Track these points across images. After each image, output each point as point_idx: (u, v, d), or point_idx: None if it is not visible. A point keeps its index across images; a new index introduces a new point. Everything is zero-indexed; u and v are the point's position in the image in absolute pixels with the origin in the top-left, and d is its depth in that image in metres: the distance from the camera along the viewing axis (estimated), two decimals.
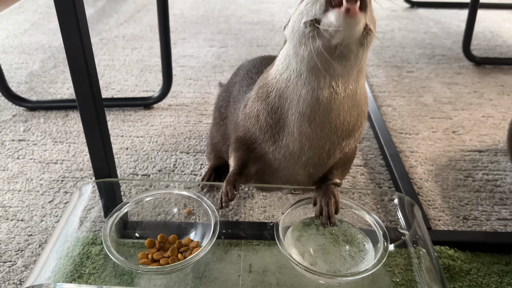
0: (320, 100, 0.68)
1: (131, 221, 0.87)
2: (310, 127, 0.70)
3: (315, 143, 0.72)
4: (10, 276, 0.87)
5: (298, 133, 0.72)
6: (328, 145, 0.73)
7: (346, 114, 0.70)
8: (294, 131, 0.72)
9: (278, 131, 0.74)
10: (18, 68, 1.70)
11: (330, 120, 0.70)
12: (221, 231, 0.80)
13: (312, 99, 0.68)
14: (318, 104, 0.69)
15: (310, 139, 0.72)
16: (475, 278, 0.86)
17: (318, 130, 0.71)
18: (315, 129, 0.70)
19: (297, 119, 0.71)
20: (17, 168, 1.16)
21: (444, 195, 1.09)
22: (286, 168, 0.79)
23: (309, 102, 0.69)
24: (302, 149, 0.73)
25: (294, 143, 0.73)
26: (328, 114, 0.69)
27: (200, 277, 0.81)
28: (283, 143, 0.74)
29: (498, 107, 1.48)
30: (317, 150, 0.74)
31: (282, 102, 0.72)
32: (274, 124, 0.74)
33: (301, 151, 0.74)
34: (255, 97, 0.77)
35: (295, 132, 0.72)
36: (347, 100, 0.69)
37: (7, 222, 0.99)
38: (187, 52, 1.86)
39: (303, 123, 0.71)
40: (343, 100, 0.69)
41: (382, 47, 1.94)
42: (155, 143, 1.27)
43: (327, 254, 0.78)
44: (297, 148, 0.74)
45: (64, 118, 1.38)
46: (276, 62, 0.75)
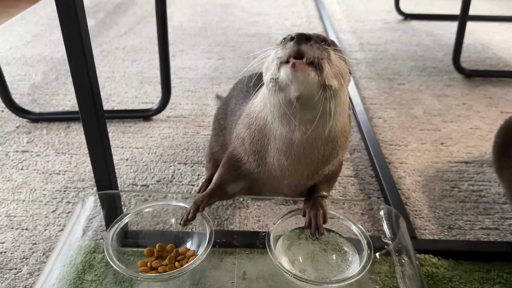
0: (293, 140, 0.74)
1: (131, 231, 0.92)
2: (287, 161, 0.76)
3: (293, 172, 0.78)
4: (16, 283, 0.91)
5: (277, 164, 0.78)
6: (306, 173, 0.79)
7: (319, 150, 0.75)
8: (274, 162, 0.78)
9: (261, 157, 0.80)
10: (21, 80, 1.76)
11: (305, 156, 0.76)
12: (216, 240, 0.85)
13: (286, 138, 0.74)
14: (292, 143, 0.74)
15: (289, 169, 0.78)
16: (457, 285, 0.90)
17: (294, 163, 0.77)
18: (292, 162, 0.76)
19: (275, 153, 0.77)
20: (21, 178, 1.21)
21: (430, 205, 1.14)
22: (271, 185, 0.85)
23: (284, 141, 0.75)
24: (283, 175, 0.79)
25: (275, 171, 0.79)
26: (302, 151, 0.75)
27: (196, 284, 0.86)
28: (266, 168, 0.80)
29: (485, 119, 1.54)
30: (296, 176, 0.80)
31: (262, 136, 0.78)
32: (256, 151, 0.80)
33: (283, 176, 0.80)
34: (242, 123, 0.83)
35: (275, 163, 0.78)
36: (319, 139, 0.74)
37: (12, 231, 1.04)
38: (185, 64, 1.91)
39: (280, 157, 0.76)
40: (315, 140, 0.73)
41: (375, 60, 2.00)
42: (154, 154, 1.32)
43: (315, 262, 0.83)
44: (278, 174, 0.79)
45: (66, 130, 1.42)
46: (258, 97, 0.80)
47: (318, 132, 0.72)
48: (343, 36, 2.27)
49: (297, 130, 0.72)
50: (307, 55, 0.63)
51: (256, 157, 0.80)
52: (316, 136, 0.73)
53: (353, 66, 1.93)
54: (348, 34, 2.30)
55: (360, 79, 1.82)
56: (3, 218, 1.07)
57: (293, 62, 0.63)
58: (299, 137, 0.73)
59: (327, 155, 0.77)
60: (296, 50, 0.63)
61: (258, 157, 0.80)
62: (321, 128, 0.72)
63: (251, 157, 0.81)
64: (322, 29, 2.35)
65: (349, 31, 2.35)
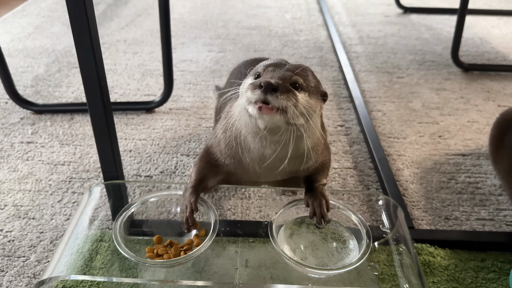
0: (265, 155, 0.80)
1: (137, 220, 0.94)
2: (260, 169, 0.82)
3: (268, 177, 0.86)
4: (25, 270, 0.94)
5: (252, 170, 0.84)
6: (281, 176, 0.87)
7: (289, 164, 0.81)
8: (249, 168, 0.84)
9: (236, 161, 0.85)
10: (23, 72, 1.77)
11: (277, 167, 0.81)
12: (219, 229, 0.87)
13: (259, 152, 0.80)
14: (264, 157, 0.80)
15: (263, 174, 0.85)
16: (453, 273, 0.93)
17: (268, 171, 0.83)
18: (266, 171, 0.83)
19: (249, 161, 0.83)
20: (27, 169, 1.23)
21: (428, 196, 1.17)
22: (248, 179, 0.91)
23: (257, 154, 0.81)
24: (259, 177, 0.87)
25: (250, 174, 0.86)
26: (274, 163, 0.80)
27: (200, 271, 0.88)
28: (242, 170, 0.86)
29: (483, 113, 1.56)
30: (271, 179, 0.87)
31: (236, 145, 0.83)
32: (231, 156, 0.85)
33: (258, 178, 0.87)
34: (221, 124, 0.88)
35: (249, 168, 0.84)
36: (290, 154, 0.77)
37: (20, 220, 1.06)
38: (186, 57, 1.93)
39: (254, 165, 0.83)
40: (285, 156, 0.78)
41: (374, 53, 2.01)
42: (157, 146, 1.34)
43: (316, 250, 0.86)
44: (254, 176, 0.86)
45: (70, 121, 1.45)
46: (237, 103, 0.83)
47: (286, 151, 0.77)
48: (343, 29, 2.29)
49: (268, 148, 0.78)
50: (272, 104, 0.68)
51: (232, 161, 0.86)
52: (286, 153, 0.78)
53: (353, 60, 1.94)
54: (348, 27, 2.32)
55: (359, 72, 1.84)
56: (10, 208, 1.10)
57: (259, 106, 0.69)
58: (270, 153, 0.79)
59: (297, 166, 0.84)
60: (263, 98, 0.68)
61: (233, 161, 0.85)
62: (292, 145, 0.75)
63: (226, 160, 0.86)
64: (322, 22, 2.37)
65: (349, 24, 2.37)
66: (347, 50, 2.03)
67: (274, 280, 0.86)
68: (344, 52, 1.95)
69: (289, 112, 0.69)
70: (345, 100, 1.62)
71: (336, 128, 1.45)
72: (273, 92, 0.68)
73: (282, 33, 2.22)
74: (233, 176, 0.92)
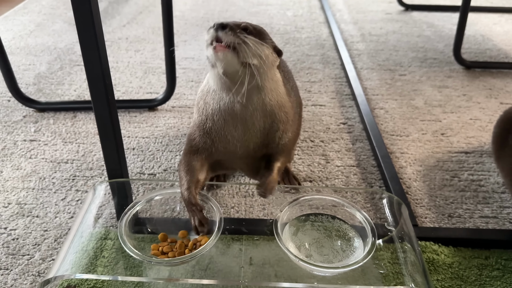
0: (235, 112, 0.85)
1: (142, 218, 0.94)
2: (236, 132, 0.87)
3: (243, 144, 0.88)
4: (29, 268, 0.94)
5: (229, 137, 0.88)
6: (252, 144, 0.89)
7: (259, 122, 0.86)
8: (226, 135, 0.87)
9: (213, 132, 0.88)
10: (26, 69, 1.77)
11: (248, 127, 0.86)
12: (224, 227, 0.87)
13: (229, 109, 0.85)
14: (234, 114, 0.85)
15: (239, 141, 0.88)
16: (457, 271, 0.93)
17: (241, 134, 0.87)
18: (240, 134, 0.87)
19: (224, 125, 0.87)
20: (30, 167, 1.23)
21: (431, 194, 1.17)
22: (229, 161, 0.94)
23: (228, 112, 0.85)
24: (235, 147, 0.89)
25: (228, 144, 0.88)
26: (245, 122, 0.86)
27: (205, 269, 0.89)
28: (220, 145, 0.89)
29: (485, 110, 1.56)
30: (245, 148, 0.89)
31: (210, 112, 0.87)
32: (208, 128, 0.88)
33: (235, 148, 0.89)
34: (195, 104, 0.93)
35: (226, 135, 0.87)
36: (257, 112, 0.85)
37: (24, 218, 1.07)
38: (188, 54, 1.93)
39: (229, 129, 0.86)
40: (253, 112, 0.85)
41: (376, 51, 2.01)
42: (160, 144, 1.34)
43: (321, 247, 0.86)
44: (231, 147, 0.88)
45: (73, 119, 1.45)
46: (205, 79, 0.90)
47: (254, 105, 0.84)
48: (345, 26, 2.29)
49: (236, 102, 0.83)
50: (223, 40, 0.76)
51: (209, 134, 0.89)
52: (253, 109, 0.84)
53: (355, 57, 1.94)
54: (350, 25, 2.31)
55: (361, 70, 1.83)
56: (14, 206, 1.10)
57: (214, 45, 0.77)
58: (239, 109, 0.84)
59: (267, 127, 0.88)
60: (215, 35, 0.77)
61: (210, 132, 0.88)
62: (255, 100, 0.83)
63: (205, 136, 0.89)
64: (324, 19, 2.37)
65: (350, 21, 2.36)
66: (349, 48, 2.02)
67: (278, 278, 0.86)
68: (346, 50, 1.95)
69: (240, 50, 0.76)
70: (347, 97, 1.62)
71: (338, 126, 1.45)
72: (223, 29, 0.76)
73: (284, 31, 2.22)
74: (217, 162, 0.94)
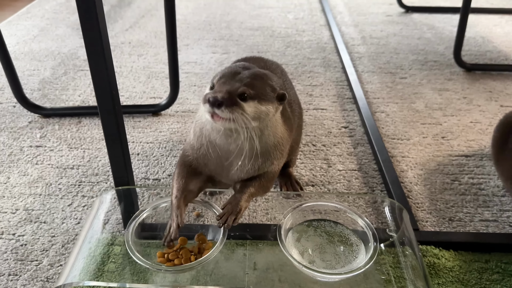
0: (230, 151, 0.87)
1: (147, 224, 0.96)
2: (227, 163, 0.90)
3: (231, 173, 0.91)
4: (38, 274, 0.96)
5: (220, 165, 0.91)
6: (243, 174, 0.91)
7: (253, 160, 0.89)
8: (217, 163, 0.90)
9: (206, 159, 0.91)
10: (30, 75, 1.79)
11: (240, 162, 0.89)
12: (229, 233, 0.89)
13: (225, 148, 0.88)
14: (229, 153, 0.88)
15: (228, 170, 0.91)
16: (457, 274, 0.95)
17: (231, 167, 0.90)
18: (229, 165, 0.90)
19: (217, 157, 0.90)
20: (37, 173, 1.25)
21: (432, 198, 1.19)
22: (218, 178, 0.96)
23: (224, 150, 0.88)
24: (224, 173, 0.93)
25: (218, 169, 0.93)
26: (238, 159, 0.88)
27: (210, 274, 0.90)
28: (211, 168, 0.93)
29: (485, 113, 1.58)
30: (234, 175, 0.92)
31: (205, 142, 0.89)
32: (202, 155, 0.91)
33: (224, 173, 0.93)
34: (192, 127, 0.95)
35: (218, 163, 0.90)
36: (252, 152, 0.86)
37: (31, 224, 1.09)
38: (191, 59, 1.94)
39: (222, 161, 0.90)
40: (249, 153, 0.86)
41: (377, 53, 2.03)
42: (164, 149, 1.36)
43: (324, 253, 0.88)
44: (220, 172, 0.93)
45: (78, 125, 1.46)
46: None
47: (250, 146, 0.85)
48: (345, 29, 2.30)
49: (233, 143, 0.86)
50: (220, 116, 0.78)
51: (202, 158, 0.92)
52: (250, 148, 0.85)
53: (356, 60, 1.96)
54: (351, 27, 2.33)
55: (362, 73, 1.85)
56: (21, 212, 1.12)
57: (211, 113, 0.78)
58: (235, 148, 0.86)
59: (259, 163, 0.90)
60: (212, 112, 0.78)
61: (203, 158, 0.91)
62: (252, 144, 0.85)
63: (198, 158, 0.92)
64: (325, 22, 2.38)
65: (351, 24, 2.38)
66: (350, 51, 2.04)
67: (282, 283, 0.88)
68: (347, 53, 1.97)
69: (237, 120, 0.78)
70: (348, 101, 1.64)
71: (340, 130, 1.47)
72: (219, 107, 0.77)
73: (285, 34, 2.23)
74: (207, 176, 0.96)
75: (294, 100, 1.10)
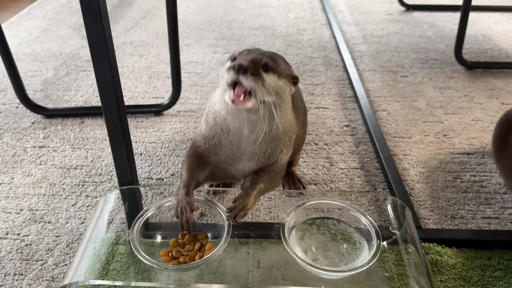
0: (243, 135, 0.89)
1: (152, 223, 0.97)
2: (238, 151, 0.92)
3: (242, 162, 0.94)
4: (43, 273, 0.97)
5: (231, 154, 0.93)
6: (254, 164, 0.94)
7: (263, 147, 0.91)
8: (228, 152, 0.92)
9: (217, 147, 0.93)
10: (32, 76, 1.80)
11: (250, 150, 0.91)
12: (233, 231, 0.90)
13: (237, 133, 0.89)
14: (242, 138, 0.90)
15: (239, 159, 0.93)
16: (460, 271, 0.96)
17: (242, 156, 0.92)
18: (241, 154, 0.92)
19: (228, 145, 0.91)
20: (40, 173, 1.26)
21: (434, 195, 1.19)
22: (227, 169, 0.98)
23: (236, 136, 0.90)
24: (234, 162, 0.94)
25: (228, 159, 0.94)
26: (250, 145, 0.90)
27: (214, 272, 0.91)
28: (222, 157, 0.95)
29: (487, 111, 1.58)
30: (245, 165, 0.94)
31: (219, 132, 0.91)
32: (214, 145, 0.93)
33: (234, 163, 0.95)
34: (204, 116, 0.96)
35: (229, 153, 0.92)
36: (265, 136, 0.88)
37: (36, 224, 1.09)
38: (192, 58, 1.95)
39: (233, 150, 0.92)
40: (261, 137, 0.88)
41: (378, 52, 2.03)
42: (167, 149, 1.37)
43: (327, 251, 0.89)
44: (230, 161, 0.95)
45: (81, 125, 1.47)
46: (216, 92, 0.93)
47: (264, 130, 0.87)
48: (346, 28, 2.31)
49: (245, 127, 0.87)
50: (243, 84, 0.78)
51: (213, 148, 0.93)
52: (263, 134, 0.88)
53: (357, 59, 1.96)
54: (351, 26, 2.33)
55: (364, 71, 1.86)
56: (26, 212, 1.13)
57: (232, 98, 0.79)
58: (248, 133, 0.88)
59: (270, 151, 0.92)
60: (236, 78, 0.78)
61: (215, 147, 0.93)
62: (265, 128, 0.86)
63: (209, 148, 0.94)
64: (325, 21, 2.39)
65: (352, 22, 2.38)
66: (351, 49, 2.04)
67: (286, 281, 0.88)
68: (348, 52, 1.97)
69: (258, 94, 0.79)
70: (350, 100, 1.64)
71: (342, 129, 1.47)
72: (244, 74, 0.78)
73: (286, 33, 2.24)
74: (216, 167, 0.98)
75: (299, 97, 1.10)
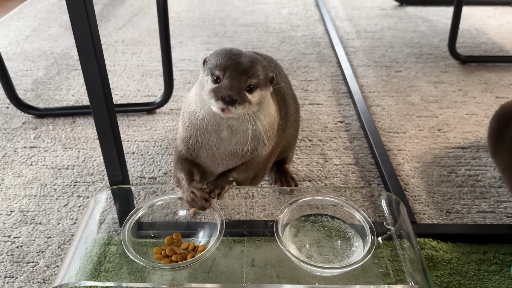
0: (222, 136, 0.89)
1: (144, 222, 0.96)
2: (218, 151, 0.92)
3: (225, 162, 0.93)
4: (34, 275, 0.95)
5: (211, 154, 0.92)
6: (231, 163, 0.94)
7: (245, 145, 0.90)
8: (207, 152, 0.91)
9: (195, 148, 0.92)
10: (23, 75, 1.78)
11: (231, 149, 0.91)
12: (226, 230, 0.89)
13: (216, 134, 0.89)
14: (221, 139, 0.89)
15: (218, 159, 0.93)
16: (455, 266, 0.95)
17: (222, 154, 0.92)
18: (220, 153, 0.92)
19: (207, 145, 0.91)
20: (31, 174, 1.24)
21: (429, 190, 1.18)
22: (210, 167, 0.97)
23: (214, 136, 0.89)
24: (215, 162, 0.94)
25: (209, 159, 0.94)
26: (229, 145, 0.90)
27: (208, 271, 0.90)
28: (202, 158, 0.94)
29: (481, 105, 1.57)
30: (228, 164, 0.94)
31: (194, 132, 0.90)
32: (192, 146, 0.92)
33: (214, 163, 0.94)
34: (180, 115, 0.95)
35: (208, 152, 0.92)
36: (244, 137, 0.89)
37: (27, 225, 1.08)
38: (185, 56, 1.93)
39: (212, 149, 0.91)
40: (240, 137, 0.88)
41: (372, 47, 2.02)
42: (160, 147, 1.35)
43: (321, 247, 0.88)
44: (211, 161, 0.94)
45: (72, 125, 1.45)
46: (191, 92, 0.92)
47: (243, 131, 0.87)
48: (340, 23, 2.30)
49: (225, 129, 0.87)
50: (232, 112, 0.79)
51: (193, 149, 0.93)
52: (242, 134, 0.88)
53: (351, 54, 1.95)
54: (345, 22, 2.32)
55: (358, 67, 1.85)
56: (16, 213, 1.11)
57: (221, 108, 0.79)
58: (227, 134, 0.88)
59: (251, 148, 0.92)
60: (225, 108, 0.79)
61: (194, 148, 0.92)
62: (246, 131, 0.87)
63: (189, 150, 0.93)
64: (319, 17, 2.37)
65: (345, 18, 2.37)
66: (345, 45, 2.03)
67: (280, 279, 0.87)
68: (341, 47, 1.96)
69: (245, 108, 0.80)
70: (344, 95, 1.63)
71: (336, 124, 1.46)
72: (233, 104, 0.78)
73: (279, 29, 2.23)
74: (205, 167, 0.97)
75: (289, 94, 1.09)
